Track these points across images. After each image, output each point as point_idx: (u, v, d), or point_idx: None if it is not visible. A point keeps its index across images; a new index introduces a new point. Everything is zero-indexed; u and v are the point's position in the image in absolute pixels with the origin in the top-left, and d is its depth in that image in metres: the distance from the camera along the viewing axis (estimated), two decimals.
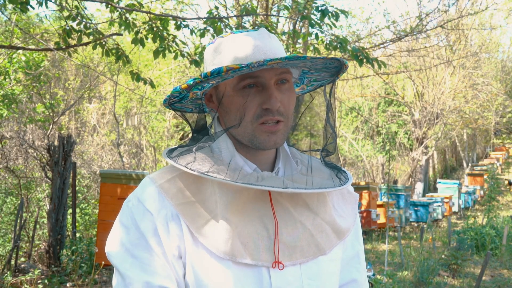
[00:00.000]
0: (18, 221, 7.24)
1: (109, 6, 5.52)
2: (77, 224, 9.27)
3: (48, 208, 7.98)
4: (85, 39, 6.03)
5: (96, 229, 7.64)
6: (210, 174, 1.11)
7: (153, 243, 1.11)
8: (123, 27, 5.98)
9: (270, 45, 1.17)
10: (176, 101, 1.22)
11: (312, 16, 5.79)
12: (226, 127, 1.20)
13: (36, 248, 8.16)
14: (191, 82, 1.10)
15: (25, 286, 6.14)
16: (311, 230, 1.18)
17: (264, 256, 1.12)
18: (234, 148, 1.19)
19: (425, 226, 14.60)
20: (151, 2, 6.81)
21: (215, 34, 5.96)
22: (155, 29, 5.83)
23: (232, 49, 1.17)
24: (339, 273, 1.26)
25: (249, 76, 1.13)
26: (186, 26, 5.89)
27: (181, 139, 17.19)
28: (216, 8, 6.62)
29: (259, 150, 1.19)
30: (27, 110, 11.59)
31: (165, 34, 5.90)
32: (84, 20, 5.90)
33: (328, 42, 6.07)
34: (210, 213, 1.12)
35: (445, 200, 18.15)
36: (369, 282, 6.41)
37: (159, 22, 5.88)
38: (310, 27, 5.90)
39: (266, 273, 1.13)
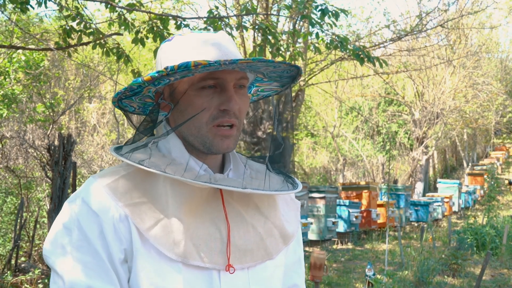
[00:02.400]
0: (18, 220, 7.24)
1: (109, 6, 5.51)
2: None
3: (48, 208, 7.97)
4: (85, 39, 6.02)
5: None
6: (167, 172, 1.06)
7: (97, 246, 1.05)
8: (123, 27, 5.98)
9: (231, 48, 1.14)
10: (128, 96, 1.16)
11: (312, 16, 5.78)
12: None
13: (37, 248, 8.16)
14: (156, 75, 1.04)
15: (25, 285, 6.14)
16: (261, 233, 1.17)
17: (217, 258, 1.10)
18: (186, 149, 1.16)
19: (425, 225, 14.59)
20: (151, 1, 6.80)
21: None
22: (155, 29, 5.83)
23: (195, 46, 1.12)
24: (282, 278, 1.26)
25: (211, 77, 1.10)
26: (187, 25, 5.88)
27: None
28: (216, 7, 6.63)
29: (208, 154, 1.16)
30: (27, 110, 11.59)
31: (165, 33, 5.90)
32: (84, 20, 5.90)
33: (328, 41, 6.07)
34: (162, 213, 1.08)
35: (445, 199, 18.15)
36: (369, 282, 6.42)
37: (159, 21, 5.88)
38: (310, 27, 5.89)
39: (216, 276, 1.10)
